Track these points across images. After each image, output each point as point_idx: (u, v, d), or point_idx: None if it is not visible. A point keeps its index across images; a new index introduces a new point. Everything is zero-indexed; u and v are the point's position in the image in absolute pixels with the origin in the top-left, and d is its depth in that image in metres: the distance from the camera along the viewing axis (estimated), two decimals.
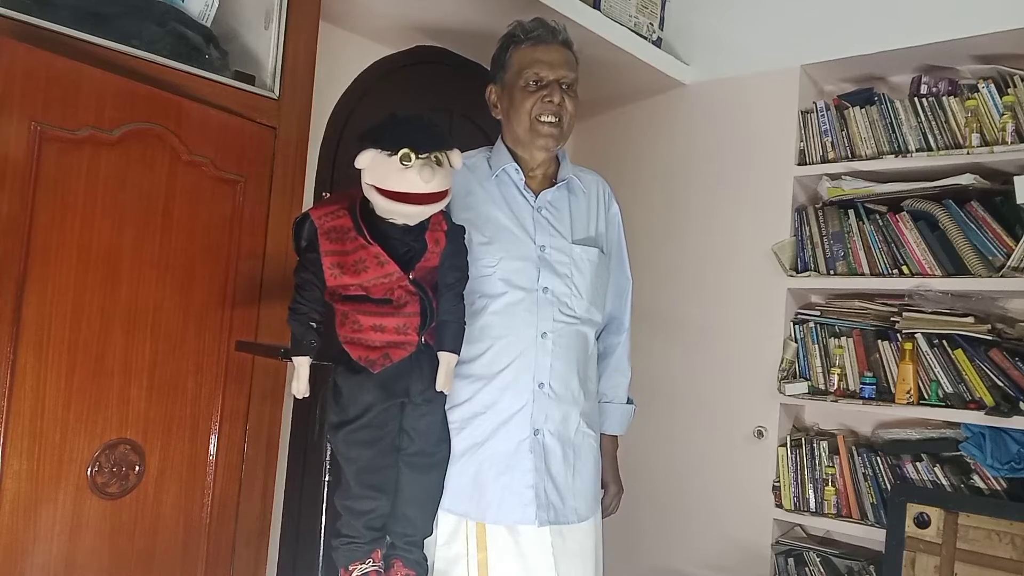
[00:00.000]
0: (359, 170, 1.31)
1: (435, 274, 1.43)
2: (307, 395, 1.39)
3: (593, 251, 1.65)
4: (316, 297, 1.38)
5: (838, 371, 2.61)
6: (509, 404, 1.54)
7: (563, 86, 1.60)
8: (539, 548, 1.53)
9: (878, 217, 2.58)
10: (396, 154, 1.27)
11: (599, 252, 1.66)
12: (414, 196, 1.29)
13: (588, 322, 1.64)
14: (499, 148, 1.67)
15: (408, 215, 1.33)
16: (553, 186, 1.65)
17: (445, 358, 1.43)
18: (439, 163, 1.31)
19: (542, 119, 1.58)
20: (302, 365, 1.38)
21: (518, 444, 1.54)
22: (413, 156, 1.27)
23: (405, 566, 1.48)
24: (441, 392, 1.47)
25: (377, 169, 1.28)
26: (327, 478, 1.60)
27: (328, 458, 1.60)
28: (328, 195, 2.53)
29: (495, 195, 1.61)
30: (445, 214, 1.43)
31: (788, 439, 2.69)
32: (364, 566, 1.44)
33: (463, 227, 1.47)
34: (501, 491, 1.52)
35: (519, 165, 1.64)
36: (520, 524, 1.52)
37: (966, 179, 2.40)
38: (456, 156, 1.34)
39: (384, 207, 1.31)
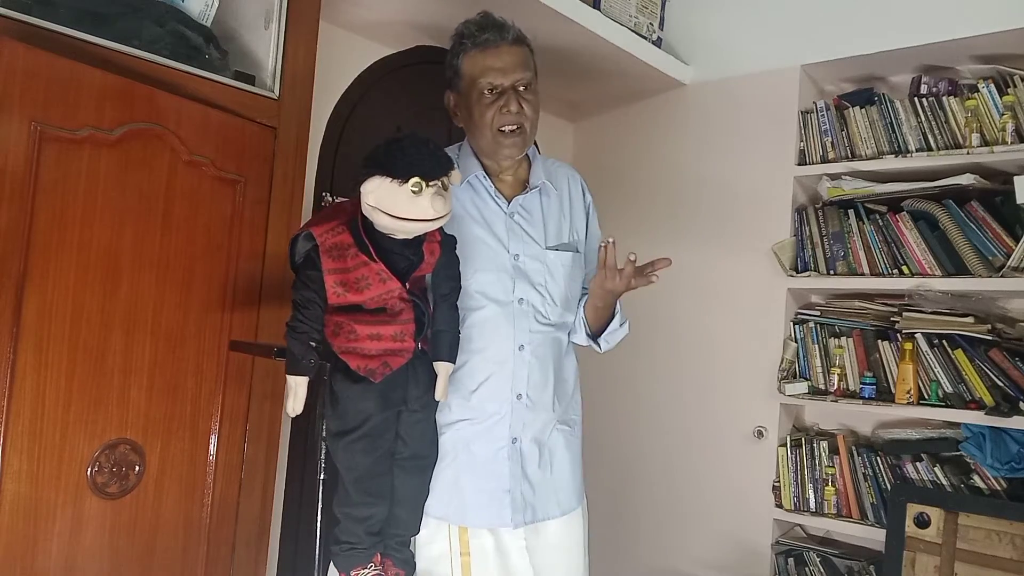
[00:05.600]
0: (359, 191, 1.32)
1: (424, 281, 1.44)
2: (300, 413, 1.40)
3: (567, 255, 1.64)
4: (317, 316, 1.38)
5: (838, 371, 2.61)
6: (488, 414, 1.56)
7: (519, 88, 1.56)
8: (516, 548, 1.56)
9: (878, 217, 2.59)
10: (407, 183, 1.28)
11: (572, 255, 1.66)
12: (423, 220, 1.31)
13: (562, 327, 1.66)
14: (467, 153, 1.65)
15: (411, 231, 1.35)
16: (525, 191, 1.64)
17: (443, 368, 1.45)
18: (445, 187, 1.33)
19: (504, 129, 1.56)
20: (300, 385, 1.38)
21: (496, 452, 1.56)
22: (423, 185, 1.28)
23: (395, 566, 1.49)
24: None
25: (384, 196, 1.29)
26: (322, 476, 1.60)
27: (324, 456, 1.60)
28: (329, 200, 2.52)
29: (467, 203, 1.60)
30: None
31: (788, 439, 2.69)
32: (366, 571, 1.45)
33: (455, 237, 1.47)
34: (478, 496, 1.55)
35: (487, 172, 1.62)
36: (498, 528, 1.55)
37: (966, 179, 2.40)
38: (456, 175, 1.36)
39: (388, 225, 1.32)
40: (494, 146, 1.58)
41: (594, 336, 1.69)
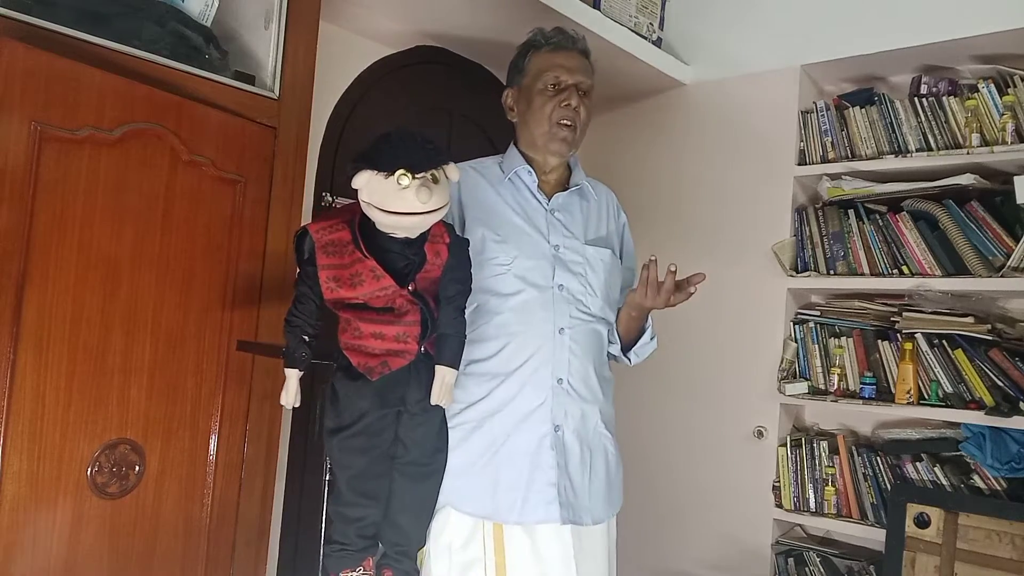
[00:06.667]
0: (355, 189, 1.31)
1: (438, 284, 1.42)
2: (296, 406, 1.40)
3: (606, 252, 1.65)
4: (311, 311, 1.38)
5: (838, 371, 2.61)
6: (528, 400, 1.52)
7: (580, 91, 1.62)
8: (558, 548, 1.51)
9: (878, 217, 2.59)
10: (392, 175, 1.26)
11: (611, 253, 1.67)
12: (413, 213, 1.30)
13: (602, 321, 1.64)
14: (512, 153, 1.68)
15: (408, 228, 1.33)
16: (566, 190, 1.66)
17: (442, 372, 1.41)
18: (436, 180, 1.30)
19: (560, 122, 1.60)
20: (291, 377, 1.38)
21: (540, 440, 1.52)
22: (409, 177, 1.27)
23: None
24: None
25: (374, 190, 1.28)
26: (328, 477, 1.60)
27: (328, 455, 1.61)
28: (329, 200, 2.52)
29: (508, 198, 1.62)
30: (448, 226, 1.42)
31: (788, 439, 2.69)
32: (355, 574, 1.44)
33: (467, 240, 1.46)
34: (524, 490, 1.50)
35: (532, 168, 1.64)
36: (543, 523, 1.50)
37: (966, 179, 2.40)
38: (452, 169, 1.33)
39: (383, 222, 1.31)
40: (547, 138, 1.62)
41: (625, 349, 1.70)
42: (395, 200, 1.27)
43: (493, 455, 1.51)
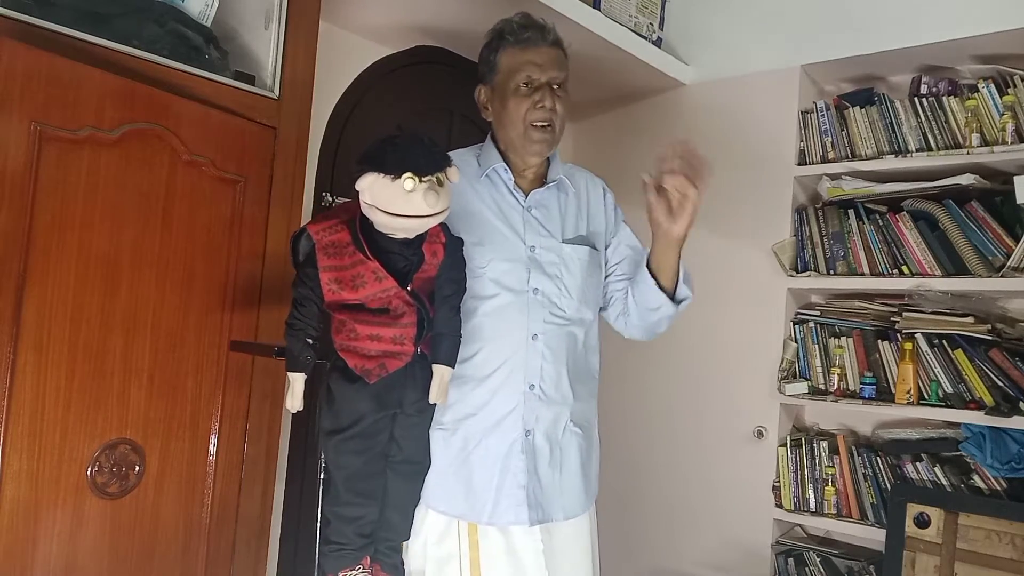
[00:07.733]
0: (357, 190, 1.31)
1: (433, 284, 1.43)
2: (301, 409, 1.40)
3: (583, 250, 1.64)
4: (313, 313, 1.38)
5: (838, 371, 2.61)
6: (500, 406, 1.54)
7: (553, 87, 1.59)
8: (531, 547, 1.54)
9: (878, 217, 2.59)
10: (399, 178, 1.26)
11: (590, 250, 1.66)
12: (419, 216, 1.30)
13: (578, 322, 1.63)
14: (489, 147, 1.66)
15: (409, 229, 1.33)
16: (543, 186, 1.65)
17: (439, 371, 1.43)
18: (440, 183, 1.31)
19: (536, 124, 1.57)
20: (297, 381, 1.38)
21: (510, 445, 1.54)
22: (416, 180, 1.27)
23: (383, 570, 1.48)
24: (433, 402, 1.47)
25: (379, 192, 1.28)
26: (322, 475, 1.60)
27: (323, 455, 1.61)
28: (329, 200, 2.52)
29: (484, 195, 1.60)
30: (443, 225, 1.42)
31: (788, 439, 2.69)
32: (354, 572, 1.45)
33: (461, 239, 1.46)
34: (495, 493, 1.53)
35: (508, 165, 1.63)
36: (513, 525, 1.53)
37: (966, 179, 2.40)
38: (454, 172, 1.34)
39: (386, 223, 1.31)
40: (524, 141, 1.59)
41: (671, 292, 1.63)
42: (401, 203, 1.27)
43: (466, 458, 1.54)
